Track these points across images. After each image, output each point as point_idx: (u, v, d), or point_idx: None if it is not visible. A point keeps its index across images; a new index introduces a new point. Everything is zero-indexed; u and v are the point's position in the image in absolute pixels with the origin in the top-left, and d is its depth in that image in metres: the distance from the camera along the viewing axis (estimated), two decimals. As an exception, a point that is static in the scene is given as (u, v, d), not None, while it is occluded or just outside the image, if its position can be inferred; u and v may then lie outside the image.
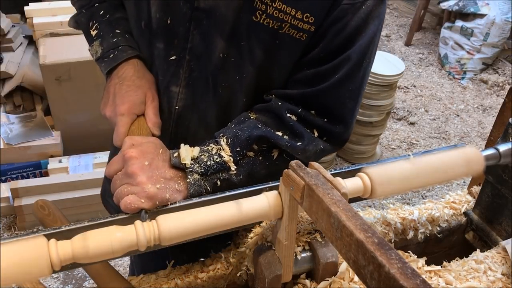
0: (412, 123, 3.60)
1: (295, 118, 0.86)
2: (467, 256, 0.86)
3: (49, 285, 2.17)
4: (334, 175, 0.69)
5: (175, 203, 0.75)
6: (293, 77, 0.87)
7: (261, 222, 0.83)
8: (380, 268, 0.47)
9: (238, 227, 0.71)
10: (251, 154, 0.85)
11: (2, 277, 0.54)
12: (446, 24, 4.24)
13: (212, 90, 0.89)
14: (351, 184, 0.71)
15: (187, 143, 0.82)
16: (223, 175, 0.81)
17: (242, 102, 0.90)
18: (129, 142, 0.79)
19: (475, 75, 4.18)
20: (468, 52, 4.08)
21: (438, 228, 0.97)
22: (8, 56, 2.91)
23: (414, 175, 0.74)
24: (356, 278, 0.76)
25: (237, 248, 0.88)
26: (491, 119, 3.71)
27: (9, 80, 2.80)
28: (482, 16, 3.92)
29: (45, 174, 2.54)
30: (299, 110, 0.86)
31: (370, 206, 2.72)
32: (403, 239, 0.94)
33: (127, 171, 0.74)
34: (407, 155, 0.78)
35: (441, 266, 0.82)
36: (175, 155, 0.79)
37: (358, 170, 0.74)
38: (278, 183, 0.70)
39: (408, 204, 1.24)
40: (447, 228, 0.98)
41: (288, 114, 0.85)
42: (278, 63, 0.85)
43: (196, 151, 0.81)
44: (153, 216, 0.66)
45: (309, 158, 0.83)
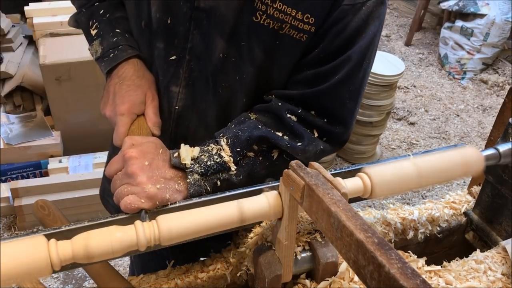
0: (412, 123, 3.60)
1: (295, 119, 0.86)
2: (467, 256, 0.86)
3: (49, 285, 2.17)
4: (334, 175, 0.69)
5: (175, 203, 0.75)
6: (293, 78, 0.87)
7: (261, 222, 0.83)
8: (380, 268, 0.47)
9: (238, 227, 0.71)
10: (251, 155, 0.85)
11: (2, 277, 0.54)
12: (446, 24, 4.24)
13: (212, 90, 0.89)
14: (351, 184, 0.71)
15: (187, 143, 0.82)
16: (223, 175, 0.81)
17: (242, 102, 0.90)
18: (129, 142, 0.79)
19: (475, 75, 4.18)
20: (468, 52, 4.08)
21: (438, 228, 0.97)
22: (8, 56, 2.91)
23: (414, 175, 0.74)
24: (356, 278, 0.76)
25: (237, 248, 0.88)
26: (491, 119, 3.71)
27: (9, 80, 2.80)
28: (482, 16, 3.92)
29: (45, 174, 2.54)
30: (299, 111, 0.86)
31: (370, 206, 2.72)
32: (403, 239, 0.94)
33: (127, 171, 0.74)
34: (407, 155, 0.78)
35: (441, 266, 0.82)
36: (175, 155, 0.79)
37: (358, 170, 0.74)
38: (278, 183, 0.70)
39: (408, 204, 1.24)
40: (447, 228, 0.98)
41: (288, 115, 0.85)
42: (278, 64, 0.85)
43: (196, 151, 0.81)
44: (153, 216, 0.66)
45: (309, 159, 0.83)
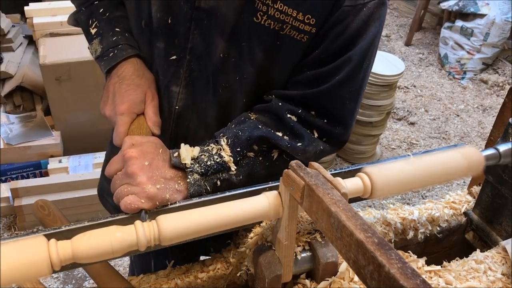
0: (412, 123, 3.60)
1: (295, 119, 0.86)
2: (467, 256, 0.86)
3: (49, 285, 2.17)
4: (334, 175, 0.69)
5: (175, 203, 0.75)
6: (294, 78, 0.87)
7: (261, 222, 0.83)
8: (380, 268, 0.47)
9: (238, 227, 0.71)
10: (251, 155, 0.85)
11: (2, 277, 0.54)
12: (446, 24, 4.24)
13: (212, 90, 0.88)
14: (351, 184, 0.71)
15: (187, 143, 0.82)
16: (223, 175, 0.81)
17: (242, 103, 0.90)
18: (129, 142, 0.79)
19: (475, 75, 4.18)
20: (468, 52, 4.08)
21: (438, 228, 0.97)
22: (8, 56, 2.91)
23: (414, 175, 0.74)
24: (356, 278, 0.76)
25: (237, 248, 0.88)
26: (491, 119, 3.71)
27: (9, 80, 2.80)
28: (482, 16, 3.92)
29: (45, 174, 2.54)
30: (299, 111, 0.85)
31: (370, 206, 2.72)
32: (403, 239, 0.94)
33: (127, 171, 0.74)
34: (407, 155, 0.78)
35: (441, 266, 0.82)
36: (175, 155, 0.79)
37: (358, 170, 0.74)
38: (278, 183, 0.70)
39: (408, 204, 1.24)
40: (447, 228, 0.98)
41: (289, 115, 0.85)
42: (279, 64, 0.85)
43: (196, 151, 0.81)
44: (153, 216, 0.66)
45: (309, 159, 0.83)
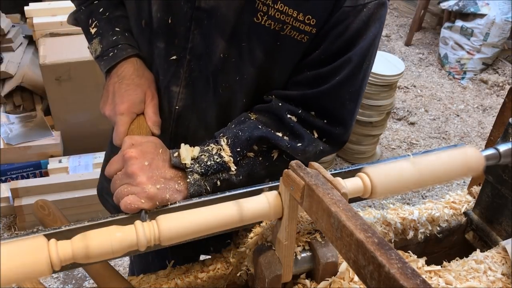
0: (412, 123, 3.60)
1: (295, 119, 0.86)
2: (467, 256, 0.85)
3: (49, 285, 2.17)
4: (334, 175, 0.69)
5: (175, 203, 0.75)
6: (294, 79, 0.87)
7: (261, 222, 0.83)
8: (380, 268, 0.47)
9: (238, 227, 0.71)
10: (251, 155, 0.85)
11: (2, 277, 0.54)
12: (446, 24, 4.24)
13: (212, 90, 0.88)
14: (351, 184, 0.71)
15: (187, 143, 0.82)
16: (223, 175, 0.81)
17: (242, 103, 0.90)
18: (129, 142, 0.79)
19: (475, 75, 4.18)
20: (468, 52, 4.08)
21: (438, 228, 0.97)
22: (8, 56, 2.91)
23: (414, 175, 0.74)
24: (356, 278, 0.76)
25: (237, 248, 0.88)
26: (491, 119, 3.71)
27: (9, 80, 2.80)
28: (482, 16, 3.92)
29: (45, 174, 2.54)
30: (299, 111, 0.85)
31: (370, 206, 2.72)
32: (403, 239, 0.94)
33: (127, 171, 0.74)
34: (407, 155, 0.78)
35: (441, 266, 0.82)
36: (175, 155, 0.79)
37: (358, 170, 0.74)
38: (278, 183, 0.70)
39: (408, 204, 1.24)
40: (447, 228, 0.98)
41: (289, 115, 0.85)
42: (279, 65, 0.85)
43: (196, 151, 0.81)
44: (153, 216, 0.66)
45: (309, 159, 0.83)
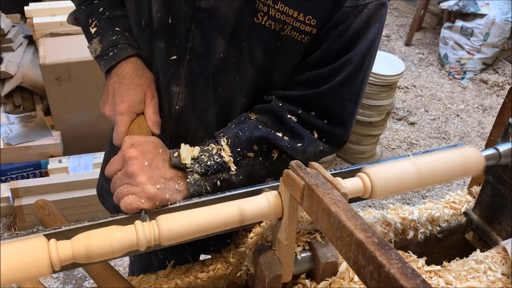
0: (412, 123, 3.60)
1: (296, 120, 0.86)
2: (467, 256, 0.85)
3: (49, 285, 2.17)
4: (334, 175, 0.69)
5: (175, 203, 0.75)
6: (294, 79, 0.87)
7: (261, 222, 0.83)
8: (380, 268, 0.47)
9: (238, 227, 0.71)
10: (251, 155, 0.85)
11: (2, 277, 0.54)
12: (446, 24, 4.24)
13: (213, 90, 0.88)
14: (351, 184, 0.71)
15: (187, 143, 0.82)
16: (223, 175, 0.81)
17: (242, 103, 0.90)
18: (129, 142, 0.79)
19: (475, 75, 4.18)
20: (468, 52, 4.08)
21: (438, 228, 0.97)
22: (8, 56, 2.91)
23: (414, 175, 0.74)
24: (356, 278, 0.76)
25: (237, 248, 0.88)
26: (491, 119, 3.71)
27: (9, 80, 2.80)
28: (482, 16, 3.92)
29: (45, 174, 2.54)
30: (300, 112, 0.85)
31: (370, 206, 2.72)
32: (403, 239, 0.94)
33: (127, 171, 0.74)
34: (407, 155, 0.78)
35: (441, 266, 0.82)
36: (175, 155, 0.79)
37: (358, 170, 0.74)
38: (278, 183, 0.70)
39: (408, 204, 1.24)
40: (447, 228, 0.98)
41: (289, 115, 0.85)
42: (279, 65, 0.85)
43: (196, 151, 0.81)
44: (153, 216, 0.66)
45: (309, 159, 0.83)
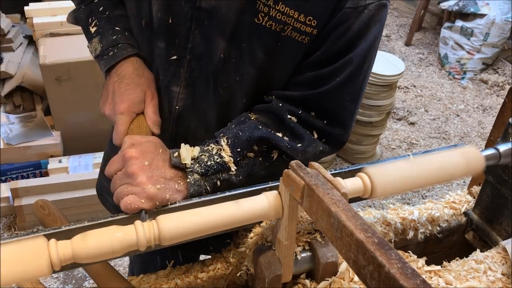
0: (412, 123, 3.60)
1: (296, 120, 0.86)
2: (467, 256, 0.85)
3: (49, 285, 2.17)
4: (334, 175, 0.69)
5: (175, 203, 0.75)
6: (294, 79, 0.87)
7: (261, 222, 0.83)
8: (380, 268, 0.47)
9: (238, 227, 0.71)
10: (251, 155, 0.85)
11: (2, 277, 0.54)
12: (446, 24, 4.24)
13: (213, 90, 0.88)
14: (351, 184, 0.71)
15: (187, 143, 0.82)
16: (223, 176, 0.81)
17: (242, 103, 0.90)
18: (129, 142, 0.79)
19: (475, 75, 4.18)
20: (468, 52, 4.08)
21: (438, 228, 0.97)
22: (8, 56, 2.91)
23: (414, 175, 0.74)
24: (356, 278, 0.76)
25: (237, 248, 0.88)
26: (491, 119, 3.71)
27: (9, 80, 2.80)
28: (482, 16, 3.92)
29: (45, 174, 2.54)
30: (300, 112, 0.85)
31: (370, 206, 2.72)
32: (403, 239, 0.94)
33: (127, 171, 0.74)
34: (407, 155, 0.78)
35: (441, 266, 0.82)
36: (175, 155, 0.79)
37: (358, 170, 0.74)
38: (278, 183, 0.70)
39: (408, 204, 1.24)
40: (447, 228, 0.98)
41: (289, 116, 0.85)
42: (279, 65, 0.85)
43: (196, 151, 0.81)
44: (153, 216, 0.66)
45: (309, 160, 0.82)
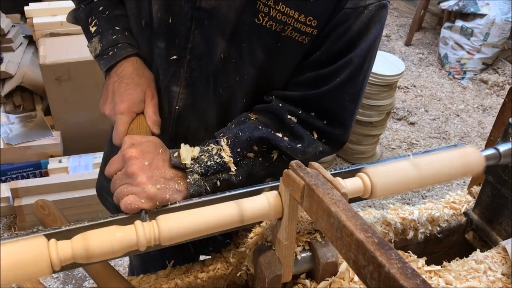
0: (412, 123, 3.60)
1: (296, 120, 0.86)
2: (467, 256, 0.85)
3: (49, 285, 2.17)
4: (334, 175, 0.69)
5: (175, 203, 0.75)
6: (294, 79, 0.87)
7: (261, 222, 0.83)
8: (380, 268, 0.47)
9: (238, 227, 0.71)
10: (251, 155, 0.85)
11: (2, 277, 0.54)
12: (446, 24, 4.24)
13: (213, 90, 0.88)
14: (351, 184, 0.71)
15: (187, 143, 0.82)
16: (223, 176, 0.81)
17: (242, 103, 0.90)
18: (129, 142, 0.79)
19: (475, 75, 4.18)
20: (468, 52, 4.08)
21: (438, 228, 0.97)
22: (8, 56, 2.91)
23: (414, 175, 0.74)
24: (356, 278, 0.76)
25: (237, 248, 0.88)
26: (491, 119, 3.71)
27: (9, 80, 2.80)
28: (482, 16, 3.92)
29: (45, 174, 2.54)
30: (300, 112, 0.85)
31: (370, 206, 2.72)
32: (403, 239, 0.94)
33: (127, 171, 0.74)
34: (407, 155, 0.78)
35: (441, 266, 0.82)
36: (175, 155, 0.79)
37: (358, 170, 0.74)
38: (278, 183, 0.70)
39: (408, 204, 1.24)
40: (447, 228, 0.98)
41: (289, 116, 0.85)
42: (279, 65, 0.85)
43: (196, 151, 0.81)
44: (153, 216, 0.66)
45: (309, 160, 0.82)
